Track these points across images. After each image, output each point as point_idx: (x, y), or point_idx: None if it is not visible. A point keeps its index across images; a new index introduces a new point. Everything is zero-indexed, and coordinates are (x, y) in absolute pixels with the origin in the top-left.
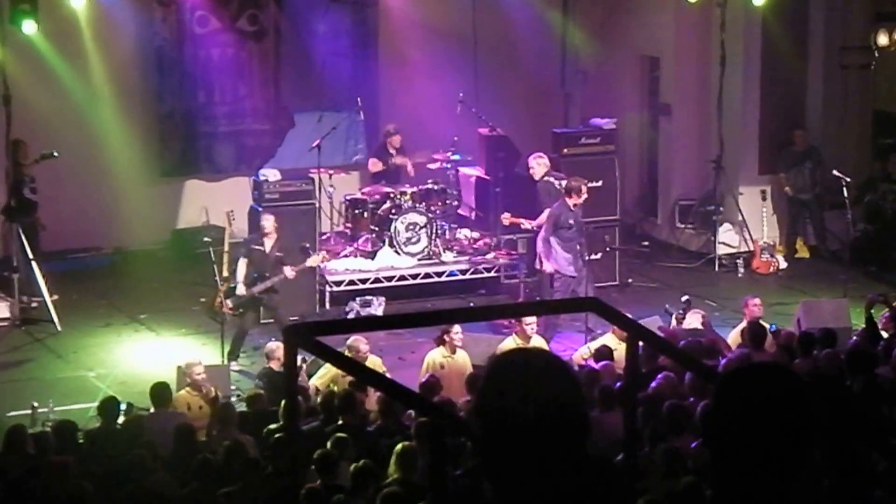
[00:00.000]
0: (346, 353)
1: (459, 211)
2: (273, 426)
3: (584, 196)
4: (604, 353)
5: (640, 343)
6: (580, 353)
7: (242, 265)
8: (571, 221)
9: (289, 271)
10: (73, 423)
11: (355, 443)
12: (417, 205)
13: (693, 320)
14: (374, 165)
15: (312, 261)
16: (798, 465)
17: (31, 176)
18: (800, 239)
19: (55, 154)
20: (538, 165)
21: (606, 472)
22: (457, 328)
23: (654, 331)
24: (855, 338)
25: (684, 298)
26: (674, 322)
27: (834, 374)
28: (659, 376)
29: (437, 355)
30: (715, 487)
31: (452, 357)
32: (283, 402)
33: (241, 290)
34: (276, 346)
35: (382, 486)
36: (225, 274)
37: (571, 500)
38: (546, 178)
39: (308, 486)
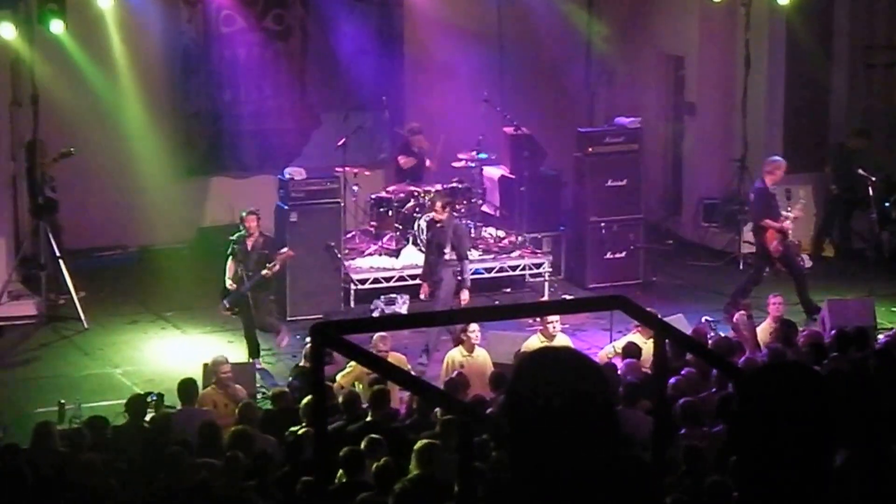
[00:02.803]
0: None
1: (484, 209)
2: (295, 428)
3: (442, 213)
4: (632, 351)
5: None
6: (605, 351)
7: (230, 264)
8: (427, 235)
9: (265, 270)
10: (104, 418)
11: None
12: None
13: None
14: (407, 162)
15: (280, 258)
16: (822, 463)
17: (51, 175)
18: (827, 238)
19: (72, 151)
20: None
21: (635, 469)
22: (473, 327)
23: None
24: (882, 337)
25: (704, 319)
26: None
27: (863, 373)
28: (683, 372)
29: (456, 354)
30: (740, 485)
31: (471, 356)
32: (305, 400)
33: (231, 286)
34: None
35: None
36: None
37: (601, 496)
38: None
39: (334, 483)
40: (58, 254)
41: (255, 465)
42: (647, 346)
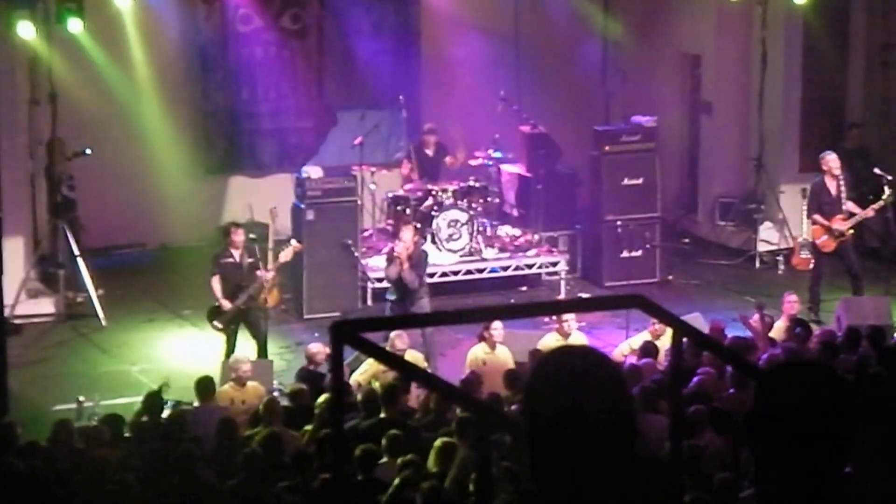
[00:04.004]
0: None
1: (500, 208)
2: (308, 427)
3: (409, 243)
4: (650, 351)
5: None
6: (620, 348)
7: (216, 283)
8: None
9: (265, 273)
10: (120, 416)
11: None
12: (459, 202)
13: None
14: (407, 170)
15: (285, 255)
16: (839, 463)
17: (69, 174)
18: None
19: (87, 152)
20: None
21: (654, 471)
22: (496, 324)
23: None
24: None
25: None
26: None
27: (881, 372)
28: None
29: (478, 351)
30: (757, 485)
31: (493, 353)
32: (323, 399)
33: (226, 305)
34: (317, 350)
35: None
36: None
37: (619, 498)
38: None
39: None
40: (76, 252)
41: (295, 465)
42: (657, 344)
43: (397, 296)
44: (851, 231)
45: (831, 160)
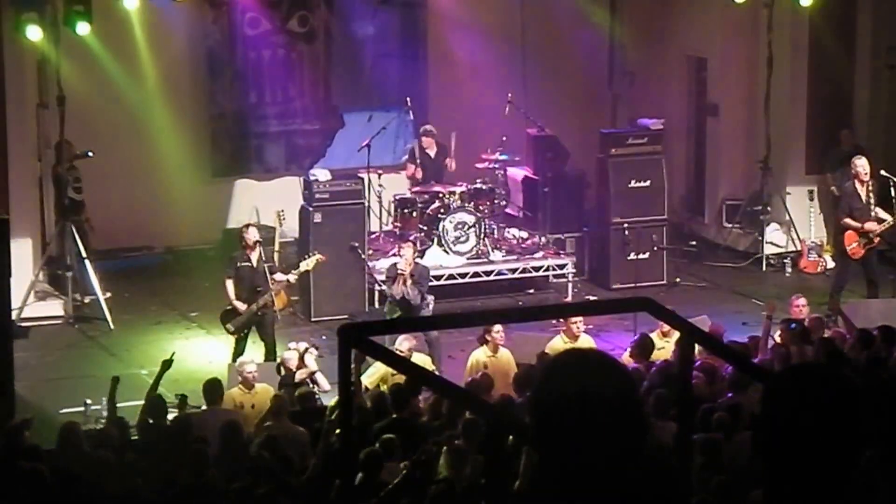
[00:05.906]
0: None
1: (507, 210)
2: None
3: (409, 262)
4: (646, 343)
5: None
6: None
7: (230, 285)
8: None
9: (281, 276)
10: (124, 419)
11: (408, 438)
12: (466, 204)
13: None
14: (410, 172)
15: (306, 264)
16: (849, 467)
17: (76, 176)
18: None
19: (90, 154)
20: None
21: (663, 473)
22: (497, 327)
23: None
24: None
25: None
26: None
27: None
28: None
29: (480, 354)
30: (766, 489)
31: (496, 356)
32: (332, 401)
33: (240, 308)
34: (289, 357)
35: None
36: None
37: (627, 497)
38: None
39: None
40: (84, 254)
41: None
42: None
43: (401, 314)
44: (878, 237)
45: (861, 165)
